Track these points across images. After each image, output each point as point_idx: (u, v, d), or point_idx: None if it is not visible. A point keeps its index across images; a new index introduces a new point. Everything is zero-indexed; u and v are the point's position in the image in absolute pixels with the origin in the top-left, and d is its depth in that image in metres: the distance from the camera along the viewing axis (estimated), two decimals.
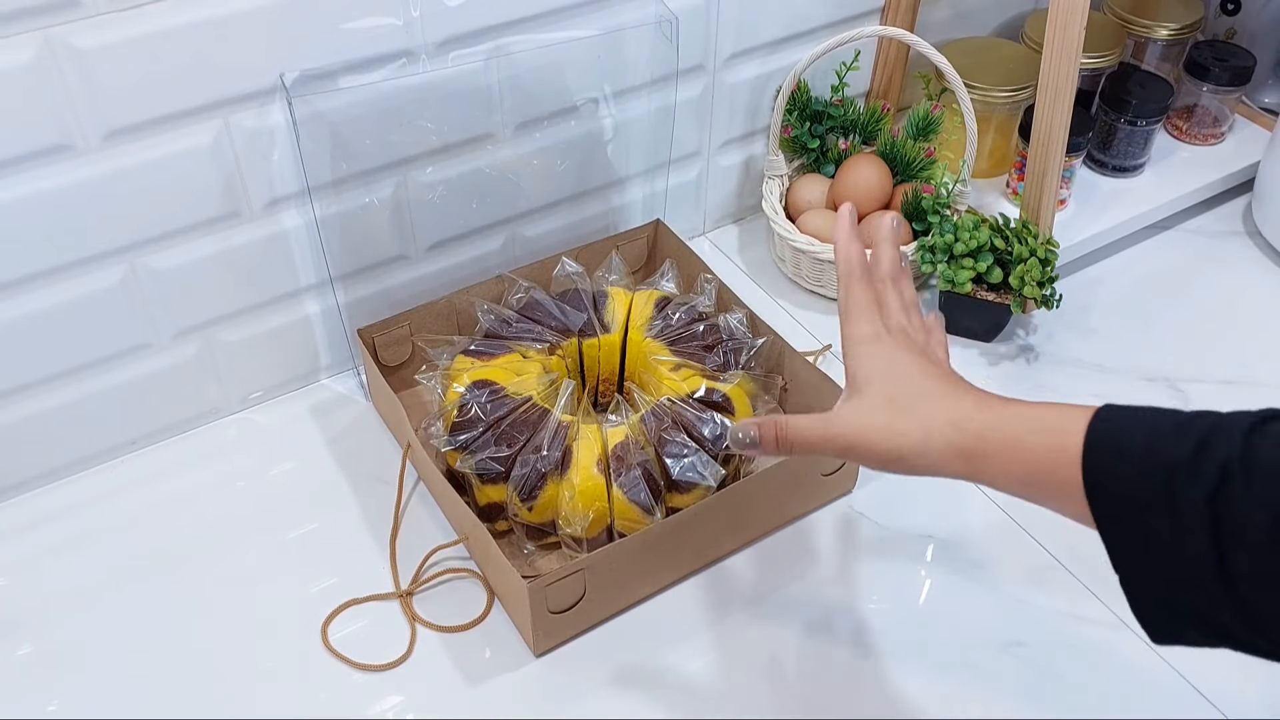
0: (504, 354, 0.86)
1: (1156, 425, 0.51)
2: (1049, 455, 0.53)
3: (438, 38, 0.84)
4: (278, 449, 0.91)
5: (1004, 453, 0.56)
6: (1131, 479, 0.50)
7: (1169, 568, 0.49)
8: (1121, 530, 0.51)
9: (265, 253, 0.87)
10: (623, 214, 1.05)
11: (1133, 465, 0.50)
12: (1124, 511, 0.51)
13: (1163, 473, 0.49)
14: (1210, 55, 1.15)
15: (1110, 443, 0.52)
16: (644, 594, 0.80)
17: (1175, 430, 0.50)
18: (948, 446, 0.57)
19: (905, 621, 0.80)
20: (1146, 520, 0.50)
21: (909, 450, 0.58)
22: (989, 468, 0.57)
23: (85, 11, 0.71)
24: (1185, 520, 0.48)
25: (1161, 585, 0.50)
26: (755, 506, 0.82)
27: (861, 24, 1.08)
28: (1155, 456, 0.50)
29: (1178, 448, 0.49)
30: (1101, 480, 0.52)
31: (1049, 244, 0.98)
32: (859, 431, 0.60)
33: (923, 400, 0.59)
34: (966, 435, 0.57)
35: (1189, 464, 0.49)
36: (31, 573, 0.82)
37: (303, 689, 0.75)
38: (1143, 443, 0.51)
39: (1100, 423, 0.53)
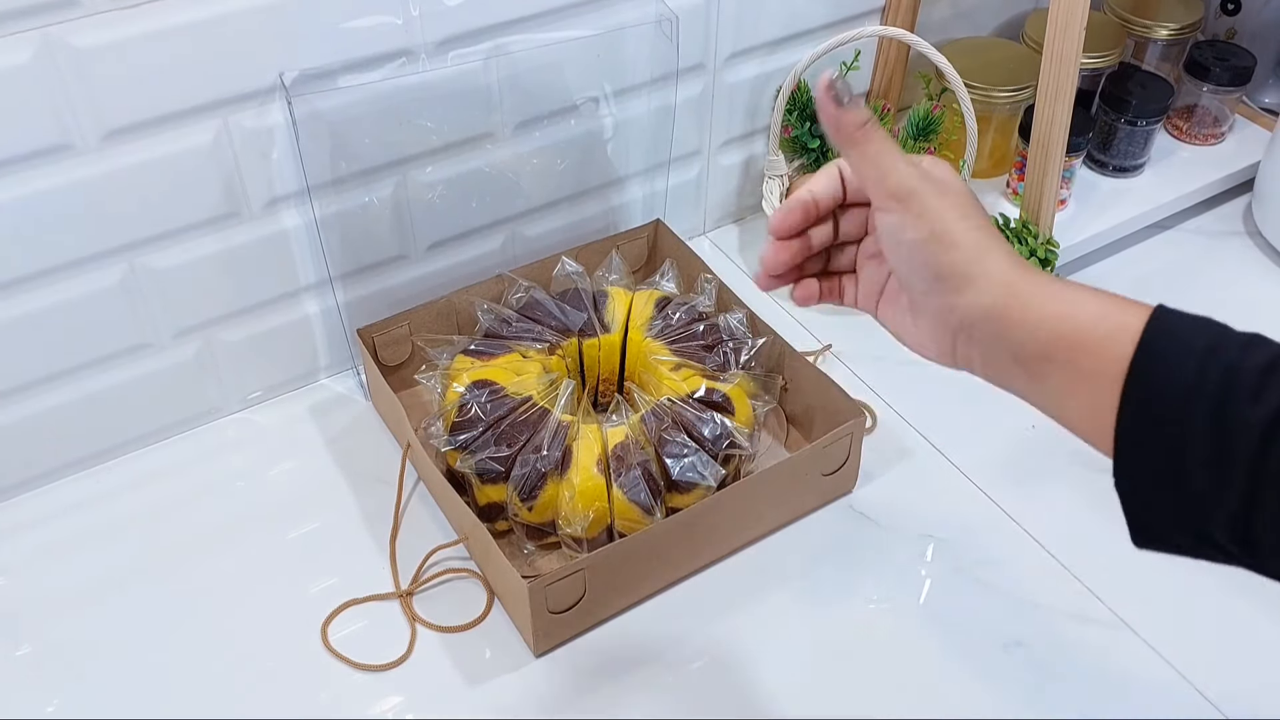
0: (504, 354, 0.86)
1: (1224, 332, 0.48)
2: (1098, 329, 0.49)
3: (437, 37, 0.84)
4: (277, 449, 0.91)
5: (1053, 301, 0.50)
6: (1184, 372, 0.46)
7: (1189, 480, 0.46)
8: (1148, 424, 0.47)
9: (265, 252, 0.87)
10: (623, 214, 1.05)
11: (1190, 360, 0.46)
12: (1161, 407, 0.47)
13: (1221, 376, 0.46)
14: (1210, 55, 1.15)
15: (1170, 336, 0.47)
16: (644, 594, 0.80)
17: (1243, 343, 0.47)
18: (1002, 268, 0.51)
19: (905, 621, 0.80)
20: (1184, 425, 0.46)
21: (967, 255, 0.51)
22: (1027, 320, 0.50)
23: (84, 11, 0.71)
24: (1229, 437, 0.45)
25: (1171, 494, 0.47)
26: (755, 506, 0.82)
27: (861, 24, 1.08)
28: (1216, 359, 0.46)
29: (1244, 358, 0.46)
30: (1149, 368, 0.47)
31: (1049, 244, 0.98)
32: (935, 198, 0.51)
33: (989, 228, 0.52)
34: (1024, 269, 0.51)
35: (1255, 377, 0.45)
36: (31, 573, 0.82)
37: (303, 689, 0.75)
38: (1206, 344, 0.47)
39: (1160, 317, 0.48)
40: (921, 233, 0.52)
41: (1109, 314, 0.49)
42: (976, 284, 0.51)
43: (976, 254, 0.51)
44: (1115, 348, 0.48)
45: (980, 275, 0.51)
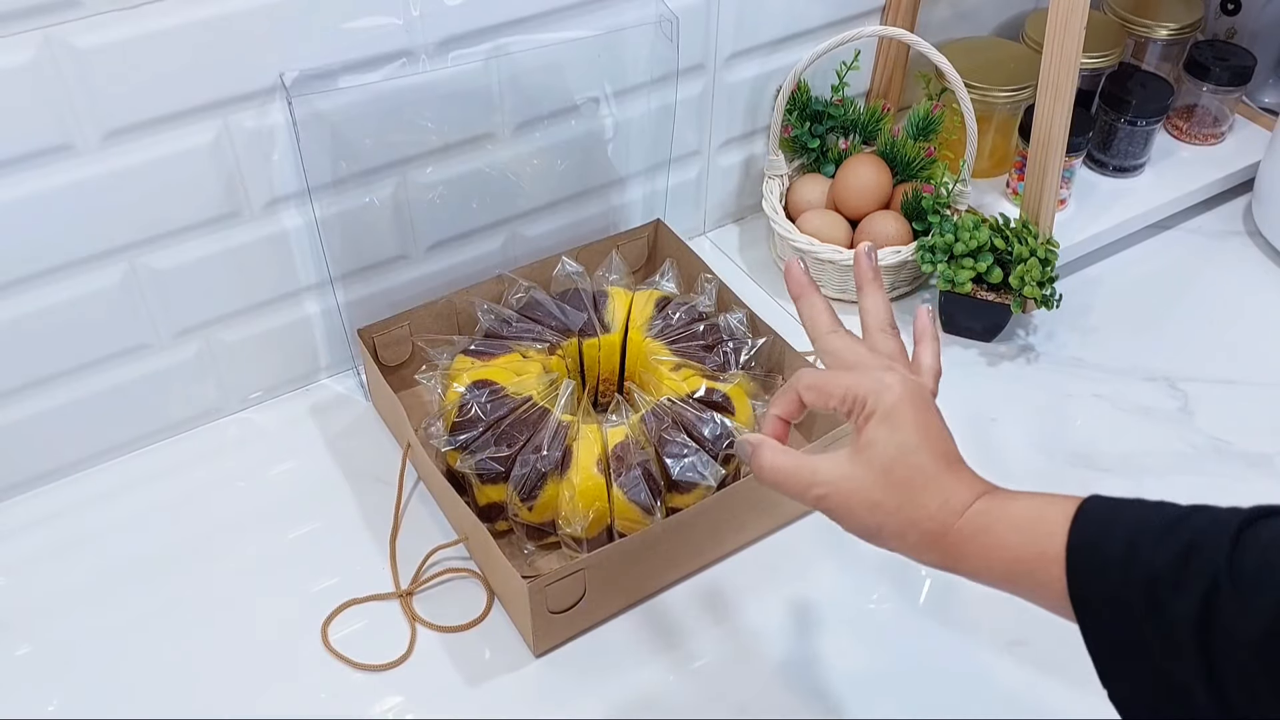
0: (504, 354, 0.86)
1: (1140, 528, 0.50)
2: (1030, 556, 0.52)
3: (438, 37, 0.84)
4: (277, 449, 0.91)
5: (984, 550, 0.54)
6: (1114, 587, 0.49)
7: (1155, 676, 0.48)
8: (1106, 636, 0.50)
9: (265, 253, 0.87)
10: (623, 214, 1.05)
11: (1115, 572, 0.49)
12: (1109, 619, 0.50)
13: (1146, 583, 0.48)
14: (1210, 55, 1.15)
15: (1092, 548, 0.50)
16: (644, 594, 0.80)
17: (1159, 535, 0.49)
18: (927, 538, 0.55)
19: (905, 622, 0.80)
20: (1132, 629, 0.49)
21: (888, 532, 0.56)
22: (967, 564, 0.55)
23: (85, 11, 0.71)
24: (1172, 632, 0.47)
25: (1147, 691, 0.49)
26: (755, 506, 0.82)
27: (861, 24, 1.08)
28: (1139, 565, 0.48)
29: (1160, 555, 0.48)
30: (1084, 585, 0.51)
31: (1049, 244, 0.98)
32: (844, 497, 0.57)
33: (917, 481, 0.55)
34: (949, 530, 0.55)
35: (1173, 574, 0.47)
36: (31, 573, 0.82)
37: (303, 689, 0.75)
38: (1125, 549, 0.49)
39: (1082, 523, 0.51)
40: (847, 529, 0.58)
41: (1032, 539, 0.53)
42: (910, 554, 0.56)
43: (901, 535, 0.56)
44: (1049, 572, 0.52)
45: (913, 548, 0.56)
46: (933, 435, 0.57)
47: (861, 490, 0.56)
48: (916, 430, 0.56)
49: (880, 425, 0.56)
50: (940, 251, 0.98)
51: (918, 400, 0.58)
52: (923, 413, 0.57)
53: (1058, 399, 0.96)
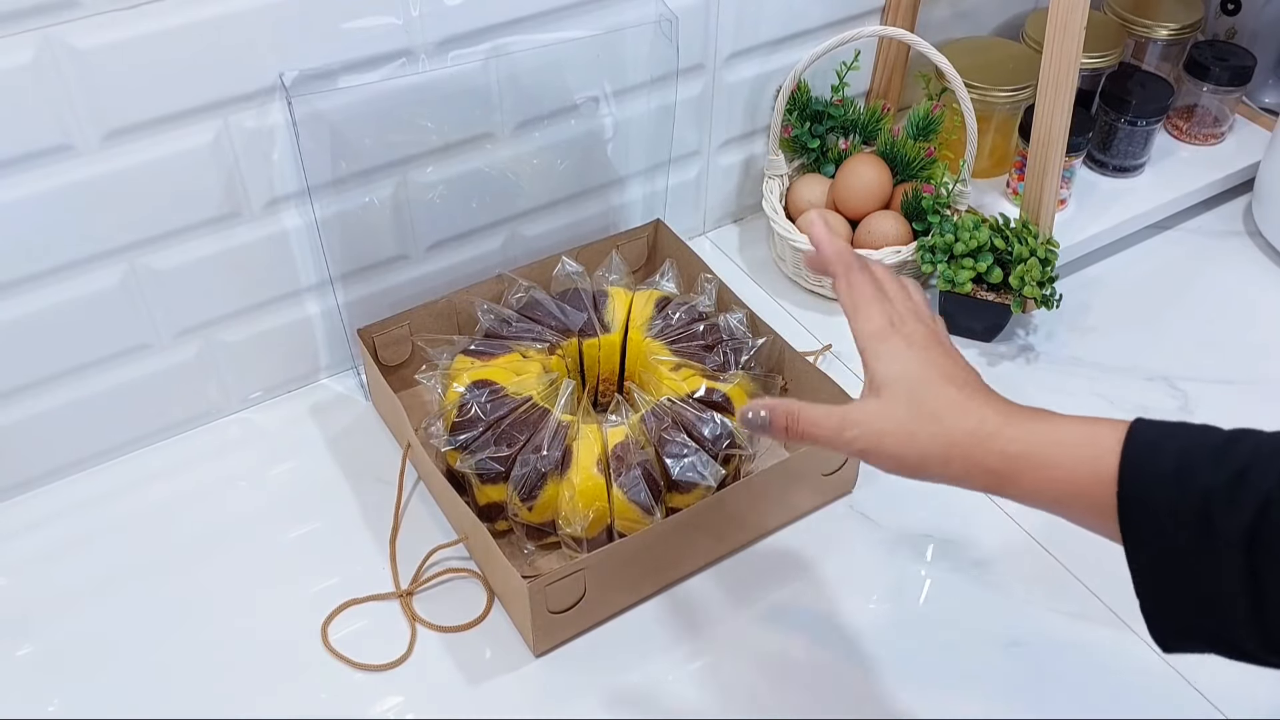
0: (504, 354, 0.86)
1: (1192, 448, 0.50)
2: (1082, 475, 0.52)
3: (437, 37, 0.84)
4: (278, 449, 0.91)
5: (1034, 470, 0.54)
6: (1166, 503, 0.50)
7: (1196, 591, 0.49)
8: (1151, 552, 0.50)
9: (265, 253, 0.87)
10: (623, 214, 1.05)
11: (1169, 489, 0.50)
12: (1156, 534, 0.50)
13: (1200, 499, 0.48)
14: (1210, 55, 1.15)
15: (1145, 465, 0.51)
16: (644, 594, 0.80)
17: (1212, 454, 0.49)
18: (972, 462, 0.55)
19: (905, 621, 0.80)
20: (1179, 545, 0.49)
21: (933, 460, 0.56)
22: (1018, 485, 0.55)
23: (85, 11, 0.71)
24: (1219, 547, 0.48)
25: (1185, 606, 0.50)
26: (755, 506, 0.82)
27: (861, 24, 1.08)
28: (1192, 482, 0.49)
29: (1215, 473, 0.49)
30: (1135, 502, 0.51)
31: (1049, 244, 0.98)
32: (877, 435, 0.57)
33: (947, 408, 0.56)
34: (993, 452, 0.55)
35: (1226, 492, 0.48)
36: (31, 573, 0.82)
37: (303, 689, 0.75)
38: (1178, 467, 0.50)
39: (1135, 443, 0.51)
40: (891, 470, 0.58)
41: (1083, 458, 0.53)
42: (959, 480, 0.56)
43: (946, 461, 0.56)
44: (1100, 491, 0.52)
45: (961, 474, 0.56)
46: (950, 365, 0.58)
47: (894, 425, 0.56)
48: (934, 362, 0.58)
49: (895, 362, 0.58)
50: (940, 251, 0.98)
51: (929, 334, 0.60)
52: (934, 341, 0.59)
53: (1057, 399, 0.96)
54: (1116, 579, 0.81)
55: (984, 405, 0.56)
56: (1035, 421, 0.55)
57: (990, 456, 0.55)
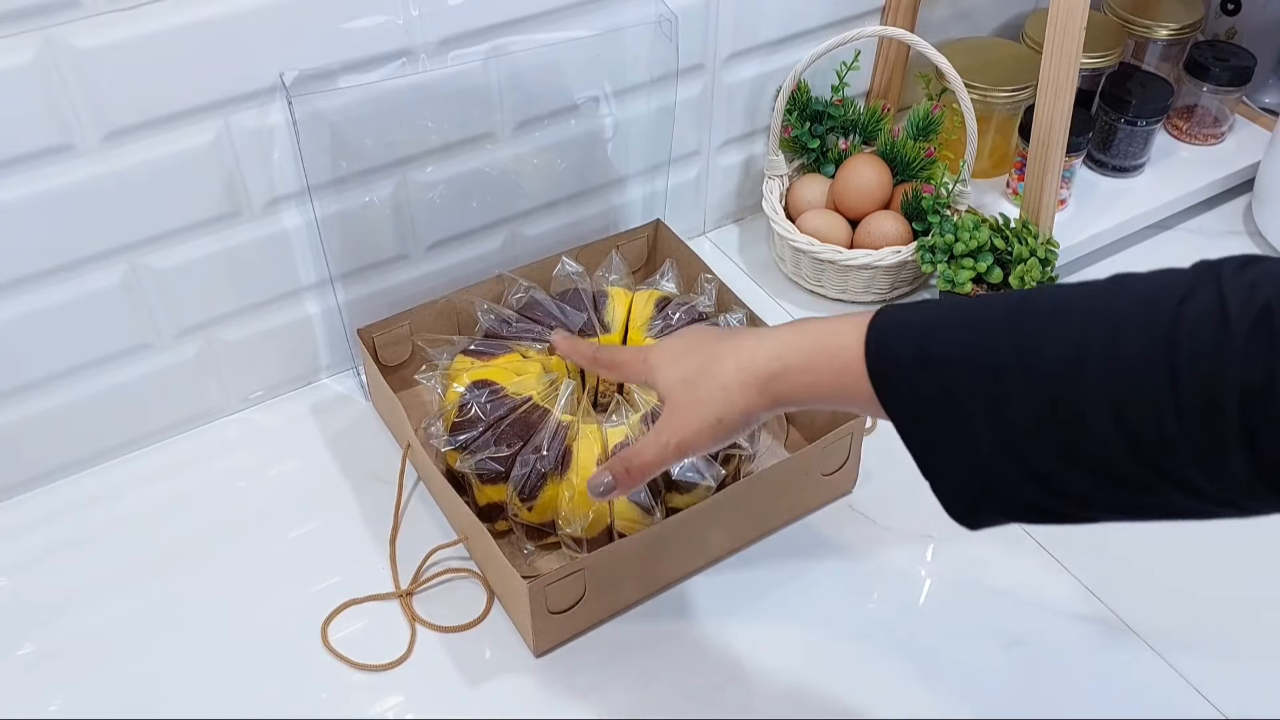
0: (504, 354, 0.86)
1: (926, 326, 0.53)
2: (838, 374, 0.55)
3: (437, 37, 0.84)
4: (278, 449, 0.91)
5: (798, 380, 0.58)
6: (912, 384, 0.52)
7: (966, 459, 0.51)
8: (917, 432, 0.53)
9: (265, 252, 0.87)
10: (623, 214, 1.05)
11: (909, 372, 0.53)
12: (916, 413, 0.53)
13: (938, 375, 0.51)
14: (1210, 55, 1.15)
15: (886, 351, 0.54)
16: (644, 594, 0.80)
17: (946, 323, 0.52)
18: (746, 390, 0.59)
19: (905, 621, 0.80)
20: (936, 418, 0.52)
21: (721, 411, 0.60)
22: (792, 397, 0.58)
23: (85, 11, 0.71)
24: (967, 417, 0.50)
25: (962, 476, 0.52)
26: (755, 506, 0.83)
27: (861, 24, 1.08)
28: (930, 359, 0.52)
29: (949, 345, 0.51)
30: (888, 388, 0.53)
31: (1049, 244, 0.98)
32: (679, 426, 0.61)
33: (710, 363, 0.61)
34: (759, 375, 0.59)
35: (961, 363, 0.51)
36: (32, 572, 0.82)
37: (303, 689, 0.75)
38: (915, 347, 0.53)
39: (875, 333, 0.54)
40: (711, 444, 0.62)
41: (835, 360, 0.56)
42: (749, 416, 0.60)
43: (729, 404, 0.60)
44: (859, 387, 0.54)
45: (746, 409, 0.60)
46: (705, 335, 0.64)
47: (685, 407, 0.61)
48: (686, 343, 0.64)
49: (660, 367, 0.64)
50: (940, 251, 0.98)
51: (676, 334, 0.66)
52: (685, 331, 0.66)
53: None
54: (1117, 579, 0.81)
55: (740, 340, 0.61)
56: (788, 332, 0.59)
57: (758, 379, 0.59)
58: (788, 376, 0.58)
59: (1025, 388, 0.49)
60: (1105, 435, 0.47)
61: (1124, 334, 0.48)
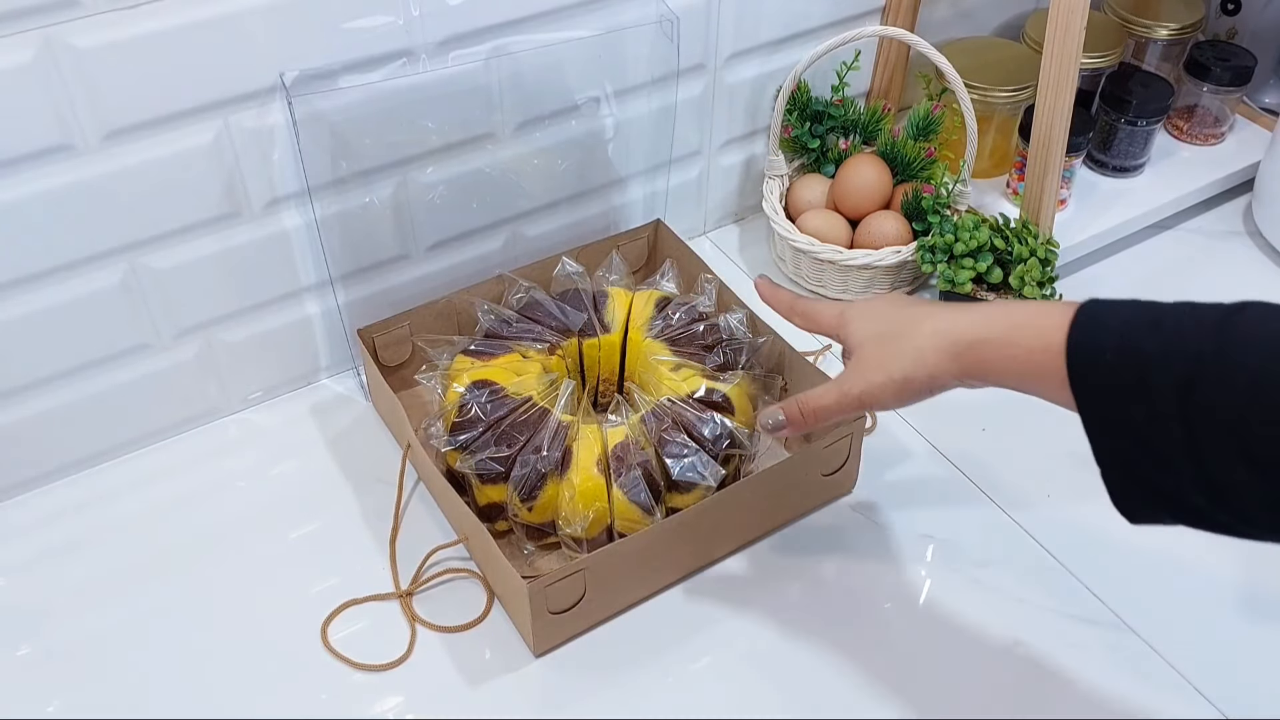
0: (504, 354, 0.86)
1: (1133, 319, 0.55)
2: (1037, 351, 0.57)
3: (438, 37, 0.84)
4: (278, 449, 0.91)
5: (995, 351, 0.60)
6: (1110, 370, 0.54)
7: (1145, 453, 0.53)
8: (1102, 419, 0.54)
9: (265, 253, 0.87)
10: (623, 214, 1.05)
11: (1110, 357, 0.54)
12: (1105, 401, 0.54)
13: (1137, 364, 0.53)
14: (1211, 55, 1.15)
15: (1090, 337, 0.55)
16: (644, 594, 0.80)
17: (1150, 323, 0.54)
18: (940, 354, 0.62)
19: (905, 621, 0.80)
20: (1125, 409, 0.53)
21: (910, 369, 0.63)
22: (983, 368, 0.61)
23: (85, 11, 0.71)
24: (1159, 407, 0.52)
25: (1138, 470, 0.53)
26: (755, 506, 0.82)
27: (861, 24, 1.08)
28: (1131, 349, 0.53)
29: (1151, 339, 0.53)
30: (1083, 373, 0.55)
31: (1049, 244, 0.98)
32: (864, 379, 0.65)
33: (907, 324, 0.64)
34: (956, 341, 0.61)
35: (1161, 355, 0.52)
36: (31, 573, 0.82)
37: (303, 689, 0.75)
38: (1119, 336, 0.54)
39: (1082, 317, 0.56)
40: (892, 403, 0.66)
41: (1036, 336, 0.58)
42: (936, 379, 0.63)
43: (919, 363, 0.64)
44: (1055, 364, 0.56)
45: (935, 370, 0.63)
46: (905, 300, 0.68)
47: (874, 363, 0.65)
48: (887, 303, 0.68)
49: (857, 320, 0.69)
50: (940, 251, 0.98)
51: (880, 298, 0.70)
52: (876, 298, 0.70)
53: None
54: (1117, 579, 0.81)
55: (939, 310, 0.65)
56: (990, 308, 0.62)
57: (955, 345, 0.62)
58: (986, 346, 0.60)
59: (1221, 392, 0.50)
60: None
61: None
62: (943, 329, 0.62)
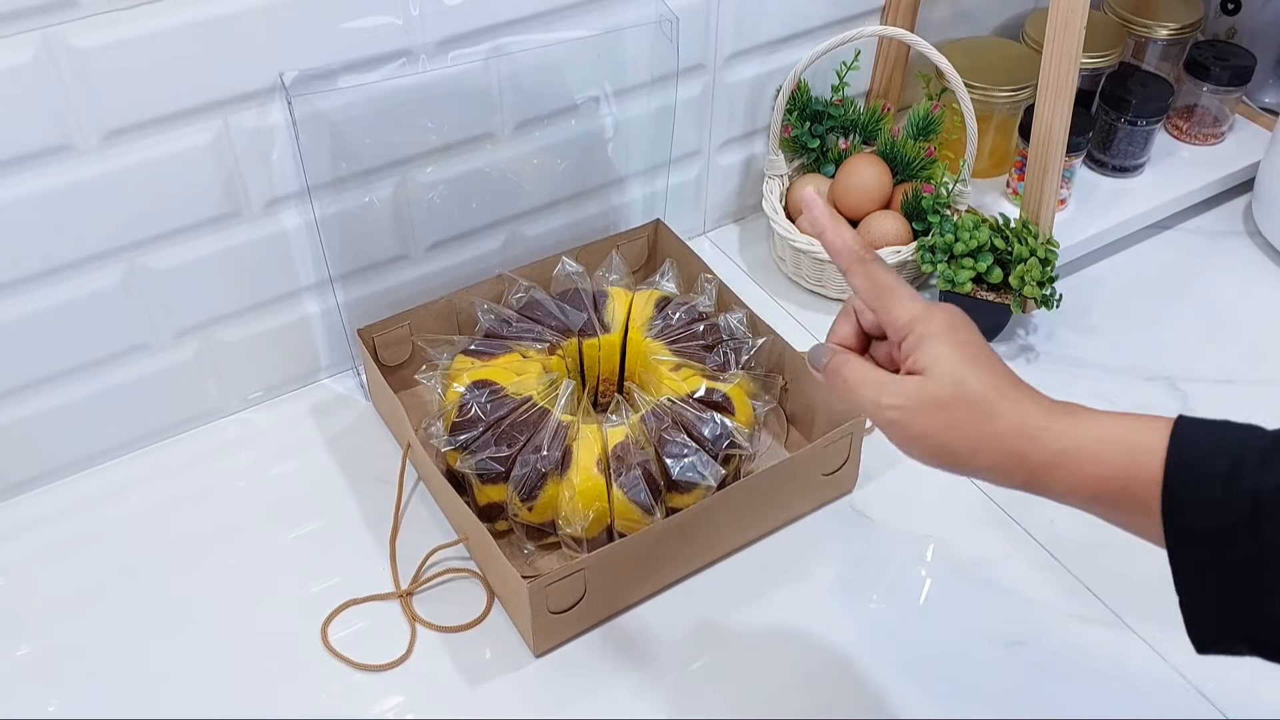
0: (504, 354, 0.86)
1: (1241, 449, 0.49)
2: (1124, 472, 0.51)
3: (437, 37, 0.84)
4: (278, 449, 0.91)
5: (1075, 466, 0.52)
6: (1213, 505, 0.49)
7: (1241, 592, 0.48)
8: (1194, 553, 0.49)
9: (265, 252, 0.87)
10: (623, 213, 1.05)
11: (1215, 490, 0.49)
12: (1202, 535, 0.49)
13: (1248, 502, 0.48)
14: (1210, 55, 1.15)
15: (1192, 466, 0.49)
16: (644, 594, 0.80)
17: (1261, 456, 0.48)
18: (1010, 455, 0.54)
19: (905, 621, 0.80)
20: (1224, 546, 0.48)
21: (965, 451, 0.54)
22: (1055, 480, 0.53)
23: (84, 11, 0.71)
24: (1270, 552, 0.47)
25: (1228, 609, 0.49)
26: (755, 506, 0.82)
27: (861, 24, 1.08)
28: (1240, 483, 0.48)
29: (1264, 475, 0.48)
30: (1181, 503, 0.49)
31: (1049, 244, 0.98)
32: (913, 413, 0.55)
33: (994, 399, 0.54)
34: (1034, 444, 0.53)
35: (1276, 494, 0.47)
36: (32, 572, 0.82)
37: (303, 689, 0.75)
38: (1228, 468, 0.49)
39: (1180, 441, 0.50)
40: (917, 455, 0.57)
41: (1126, 455, 0.51)
42: (992, 473, 0.55)
43: (979, 451, 0.54)
44: (1144, 490, 0.50)
45: (995, 466, 0.54)
46: (989, 355, 0.56)
47: (934, 406, 0.55)
48: (976, 349, 0.56)
49: (939, 345, 0.55)
50: (940, 251, 0.98)
51: (965, 322, 0.57)
52: (974, 333, 0.57)
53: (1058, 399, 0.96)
54: (1117, 579, 0.81)
55: (1026, 399, 0.55)
56: (1075, 417, 0.54)
57: (1034, 451, 0.53)
58: (1065, 464, 0.53)
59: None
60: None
61: None
62: (1030, 426, 0.53)
